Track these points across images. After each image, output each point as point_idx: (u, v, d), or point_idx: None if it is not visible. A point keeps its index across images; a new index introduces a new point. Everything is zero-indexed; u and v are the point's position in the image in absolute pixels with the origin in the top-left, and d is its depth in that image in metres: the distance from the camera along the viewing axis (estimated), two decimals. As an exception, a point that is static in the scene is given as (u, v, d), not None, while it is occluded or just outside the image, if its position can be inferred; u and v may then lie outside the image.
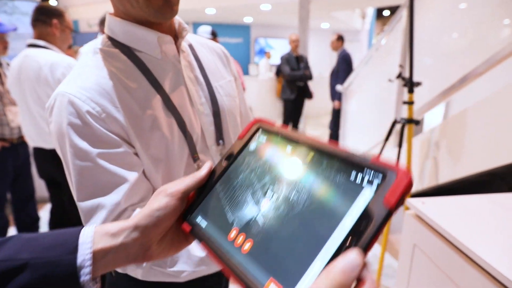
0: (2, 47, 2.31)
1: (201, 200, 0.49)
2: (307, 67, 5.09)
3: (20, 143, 2.47)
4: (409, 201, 1.21)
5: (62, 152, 0.69)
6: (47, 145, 1.94)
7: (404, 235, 1.27)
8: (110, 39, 0.77)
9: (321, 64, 9.59)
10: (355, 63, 4.62)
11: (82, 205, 0.69)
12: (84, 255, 0.42)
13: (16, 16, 3.58)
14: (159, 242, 0.48)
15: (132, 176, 0.69)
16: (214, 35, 3.47)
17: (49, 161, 1.99)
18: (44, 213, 3.28)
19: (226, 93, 0.90)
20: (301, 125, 5.91)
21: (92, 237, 0.44)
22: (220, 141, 0.86)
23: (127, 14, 0.74)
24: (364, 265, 0.31)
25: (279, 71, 7.26)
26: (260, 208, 0.41)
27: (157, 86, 0.75)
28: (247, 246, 0.39)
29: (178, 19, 0.81)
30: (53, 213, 2.24)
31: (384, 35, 2.74)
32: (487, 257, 0.86)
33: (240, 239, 0.40)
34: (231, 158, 0.50)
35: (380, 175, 0.33)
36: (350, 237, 0.32)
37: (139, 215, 0.46)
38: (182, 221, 0.49)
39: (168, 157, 0.75)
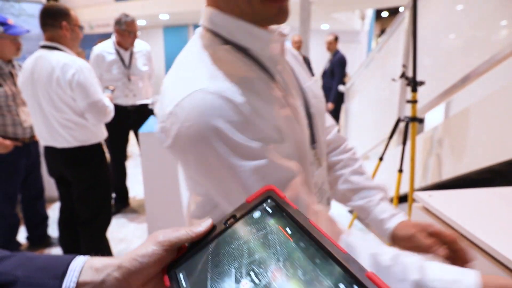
0: (16, 48, 2.36)
1: (190, 256, 0.46)
2: (309, 68, 5.15)
3: (31, 142, 2.51)
4: (416, 194, 1.25)
5: (212, 154, 0.60)
6: (58, 144, 1.98)
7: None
8: (215, 34, 0.71)
9: (320, 64, 9.64)
10: (355, 64, 4.67)
11: None
12: (68, 282, 0.44)
13: (22, 18, 3.62)
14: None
15: (297, 169, 0.64)
16: None
17: (60, 160, 2.03)
18: (52, 212, 3.33)
19: (314, 94, 0.85)
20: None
21: (81, 268, 0.45)
22: (314, 145, 0.81)
23: (231, 10, 0.69)
24: None
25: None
26: (239, 286, 0.40)
27: (277, 85, 0.71)
28: None
29: None
30: (62, 211, 2.28)
31: (387, 36, 2.79)
32: (496, 245, 0.90)
33: None
34: (233, 220, 0.47)
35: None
36: None
37: (125, 256, 0.46)
38: (165, 272, 0.47)
39: (300, 158, 0.71)
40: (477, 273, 0.54)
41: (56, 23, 1.89)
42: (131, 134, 3.33)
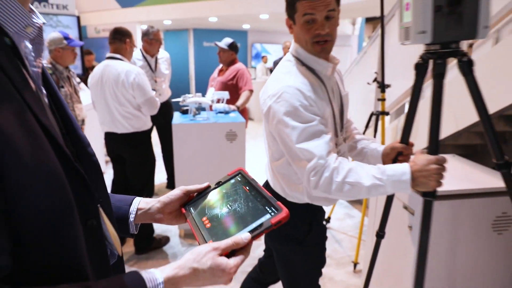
0: (73, 57, 3.09)
1: (196, 200, 0.87)
2: None
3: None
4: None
5: (290, 120, 1.22)
6: (118, 130, 2.73)
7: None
8: (297, 59, 1.35)
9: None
10: (347, 65, 5.47)
11: (300, 146, 1.22)
12: (134, 207, 0.85)
13: (59, 29, 4.34)
14: (168, 214, 0.87)
15: (329, 133, 1.27)
16: (231, 48, 3.86)
17: (119, 142, 2.79)
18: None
19: (345, 101, 1.50)
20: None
21: (139, 201, 0.86)
22: (342, 131, 1.45)
23: (303, 46, 1.32)
24: (249, 243, 0.68)
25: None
26: (221, 211, 0.79)
27: (328, 93, 1.34)
28: (208, 225, 0.77)
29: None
30: (114, 183, 3.02)
31: (368, 43, 3.59)
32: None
33: (206, 222, 0.78)
34: (220, 183, 0.87)
35: (275, 210, 0.71)
36: (251, 231, 0.69)
37: (162, 196, 0.87)
38: (182, 207, 0.87)
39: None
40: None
41: (123, 39, 2.66)
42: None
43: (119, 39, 2.67)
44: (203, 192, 0.88)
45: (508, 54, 1.90)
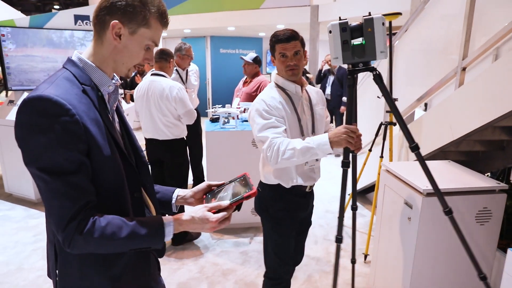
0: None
1: (214, 190, 1.28)
2: (307, 77, 6.55)
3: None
4: (383, 163, 2.47)
5: (257, 118, 1.86)
6: (160, 137, 3.23)
7: (380, 181, 2.55)
8: (276, 84, 1.98)
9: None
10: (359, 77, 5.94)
11: (260, 134, 1.83)
12: (175, 194, 1.30)
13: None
14: (196, 199, 1.27)
15: (283, 127, 1.85)
16: (255, 62, 4.37)
17: (160, 147, 3.27)
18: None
19: (318, 113, 2.08)
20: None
21: (179, 191, 1.31)
22: (313, 132, 2.02)
23: (281, 74, 1.96)
24: (228, 207, 1.12)
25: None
26: (223, 194, 1.21)
27: (295, 107, 1.95)
28: (214, 201, 1.18)
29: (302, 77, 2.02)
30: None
31: (375, 65, 4.03)
32: (417, 183, 2.14)
33: (214, 200, 1.20)
34: (230, 181, 1.27)
35: (250, 189, 1.15)
36: (236, 200, 1.14)
37: (194, 187, 1.29)
38: (204, 195, 1.28)
39: (293, 135, 1.93)
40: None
41: (168, 59, 3.16)
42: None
43: (165, 59, 3.17)
44: (220, 186, 1.30)
45: (503, 71, 2.28)
